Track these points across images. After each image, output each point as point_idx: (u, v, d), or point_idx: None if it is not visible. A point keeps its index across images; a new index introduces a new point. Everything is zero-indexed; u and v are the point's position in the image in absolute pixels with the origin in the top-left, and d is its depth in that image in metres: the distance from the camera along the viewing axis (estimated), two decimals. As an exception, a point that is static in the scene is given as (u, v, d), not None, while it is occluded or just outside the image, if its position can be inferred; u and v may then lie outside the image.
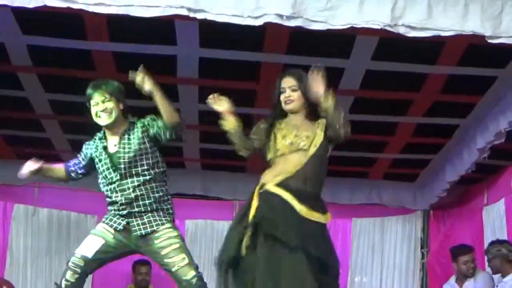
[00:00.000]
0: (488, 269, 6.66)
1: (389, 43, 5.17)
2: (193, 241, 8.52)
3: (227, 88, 5.86)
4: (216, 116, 4.30)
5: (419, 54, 5.42)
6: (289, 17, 4.32)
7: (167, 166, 4.59)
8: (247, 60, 5.66)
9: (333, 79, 5.82)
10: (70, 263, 4.43)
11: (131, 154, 4.42)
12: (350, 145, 7.08)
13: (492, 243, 6.50)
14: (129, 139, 4.47)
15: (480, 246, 7.11)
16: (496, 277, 6.55)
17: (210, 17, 4.33)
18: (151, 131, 4.45)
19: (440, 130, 6.91)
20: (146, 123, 4.49)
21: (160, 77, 5.89)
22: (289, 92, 4.26)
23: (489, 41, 4.43)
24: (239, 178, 8.01)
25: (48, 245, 8.31)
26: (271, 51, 5.44)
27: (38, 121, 7.03)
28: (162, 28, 5.10)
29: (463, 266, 6.78)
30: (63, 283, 4.41)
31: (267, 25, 4.41)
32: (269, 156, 4.23)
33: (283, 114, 4.31)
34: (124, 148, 4.45)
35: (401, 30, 4.39)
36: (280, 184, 4.11)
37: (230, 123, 4.24)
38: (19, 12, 4.78)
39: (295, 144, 4.17)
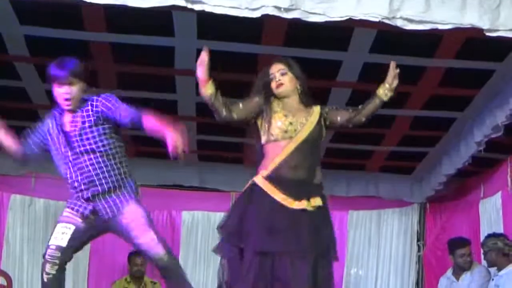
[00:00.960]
0: (484, 262, 6.67)
1: (387, 36, 5.16)
2: (190, 232, 8.54)
3: (224, 80, 5.86)
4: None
5: (417, 47, 5.42)
6: (287, 9, 4.31)
7: (164, 157, 4.54)
8: (244, 52, 5.65)
9: (331, 72, 5.91)
10: (46, 256, 4.34)
11: (84, 131, 4.30)
12: (347, 138, 7.14)
13: (489, 237, 6.50)
14: (82, 116, 4.32)
15: (476, 239, 7.12)
16: (492, 270, 6.56)
17: (207, 8, 4.32)
18: (111, 114, 4.29)
19: (438, 123, 6.91)
20: (106, 103, 4.31)
21: (158, 68, 5.94)
22: (279, 76, 4.26)
23: (487, 34, 4.42)
24: (236, 170, 8.00)
25: (45, 235, 8.27)
26: (269, 43, 5.43)
27: (35, 112, 7.01)
28: (160, 19, 5.09)
29: (460, 259, 6.79)
30: (45, 276, 4.32)
31: (265, 17, 4.40)
32: (263, 139, 4.21)
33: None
34: (77, 124, 4.32)
35: (399, 23, 4.39)
36: (269, 177, 4.11)
37: (210, 88, 4.16)
38: (17, 2, 4.77)
39: (289, 132, 4.17)
